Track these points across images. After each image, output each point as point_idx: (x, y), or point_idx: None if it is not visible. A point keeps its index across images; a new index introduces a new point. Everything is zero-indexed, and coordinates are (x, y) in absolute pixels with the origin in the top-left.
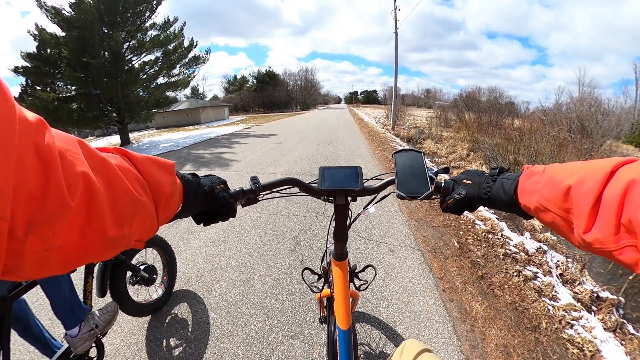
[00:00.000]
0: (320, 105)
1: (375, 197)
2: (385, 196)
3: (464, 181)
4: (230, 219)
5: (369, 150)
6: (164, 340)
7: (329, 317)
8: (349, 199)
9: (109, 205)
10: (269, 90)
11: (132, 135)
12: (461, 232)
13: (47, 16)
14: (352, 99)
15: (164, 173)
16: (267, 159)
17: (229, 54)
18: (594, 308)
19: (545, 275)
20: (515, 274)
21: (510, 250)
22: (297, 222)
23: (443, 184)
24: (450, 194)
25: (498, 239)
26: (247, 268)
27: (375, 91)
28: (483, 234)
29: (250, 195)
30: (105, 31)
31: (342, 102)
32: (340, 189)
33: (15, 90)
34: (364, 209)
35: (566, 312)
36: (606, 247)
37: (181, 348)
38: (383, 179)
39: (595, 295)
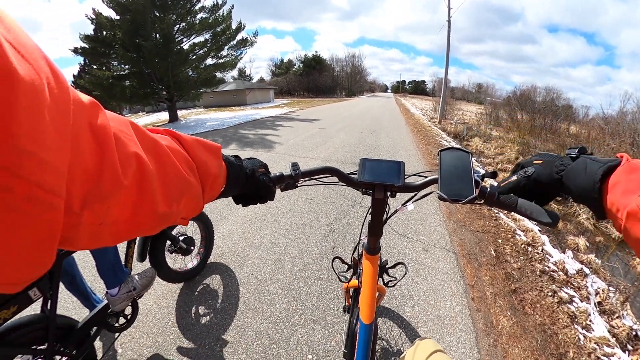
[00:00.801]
0: (365, 92)
1: (415, 195)
2: (426, 195)
3: (535, 162)
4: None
5: (413, 142)
6: (193, 307)
7: (353, 308)
8: (388, 194)
9: (160, 184)
10: (314, 75)
11: (180, 113)
12: (500, 240)
13: (103, 1)
14: (399, 88)
15: (211, 155)
16: (309, 143)
17: (276, 37)
18: (629, 347)
19: (582, 301)
20: (550, 293)
21: (548, 267)
22: (333, 209)
23: (489, 190)
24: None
25: (537, 253)
26: (280, 248)
27: (423, 81)
28: (522, 246)
29: (289, 181)
30: (157, 14)
31: (389, 90)
32: (380, 183)
33: (74, 69)
34: (402, 205)
35: (598, 345)
36: None
37: (208, 317)
38: (426, 177)
39: (634, 333)
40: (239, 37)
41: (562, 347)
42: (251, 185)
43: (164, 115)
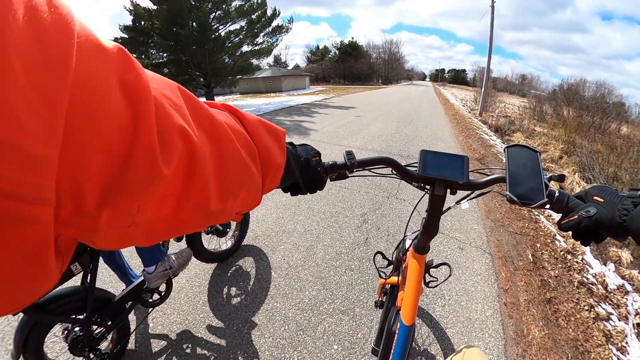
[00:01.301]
0: (403, 80)
1: (471, 192)
2: (484, 193)
3: (595, 197)
4: None
5: (452, 134)
6: (225, 288)
7: (389, 305)
8: (449, 191)
9: (215, 173)
10: (350, 61)
11: (217, 99)
12: (538, 245)
13: None
14: (438, 76)
15: (275, 141)
16: (344, 131)
17: (311, 23)
18: None
19: (620, 320)
20: (586, 307)
21: (587, 279)
22: (368, 199)
23: (557, 194)
24: (575, 211)
25: (577, 262)
26: (312, 236)
27: (464, 70)
28: (562, 253)
29: (343, 171)
30: (193, 3)
31: (427, 79)
32: (442, 178)
33: None
34: (456, 202)
35: None
36: None
37: (238, 299)
38: (489, 174)
39: None
40: (274, 23)
41: None
42: (305, 174)
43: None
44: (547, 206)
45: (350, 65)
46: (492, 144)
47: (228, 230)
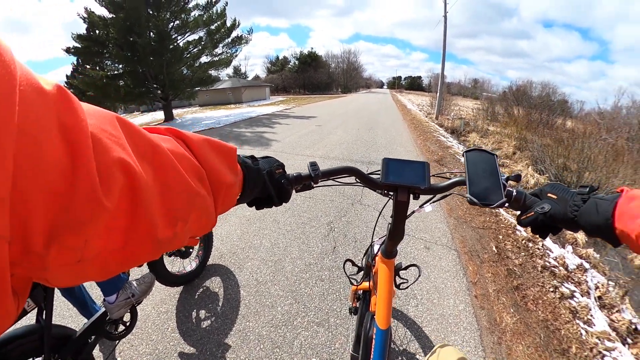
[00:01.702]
0: (362, 88)
1: (434, 196)
2: (446, 196)
3: (549, 195)
4: None
5: (411, 139)
6: (193, 312)
7: (363, 311)
8: (411, 196)
9: (159, 201)
10: (310, 71)
11: (175, 112)
12: (501, 237)
13: (95, 0)
14: (395, 84)
15: (224, 160)
16: (306, 141)
17: (271, 34)
18: (629, 341)
19: (582, 296)
20: (551, 289)
21: (549, 262)
22: (333, 207)
23: (515, 193)
24: (531, 208)
25: (538, 248)
26: (280, 249)
27: (419, 77)
28: (523, 242)
29: (307, 182)
30: (151, 12)
31: (385, 86)
32: (404, 184)
33: (67, 69)
34: (420, 206)
35: (599, 340)
36: None
37: (209, 321)
38: (449, 178)
39: (634, 327)
40: (233, 34)
41: (564, 342)
42: (269, 188)
43: (160, 115)
44: (506, 205)
45: (310, 75)
46: (449, 145)
47: (191, 250)
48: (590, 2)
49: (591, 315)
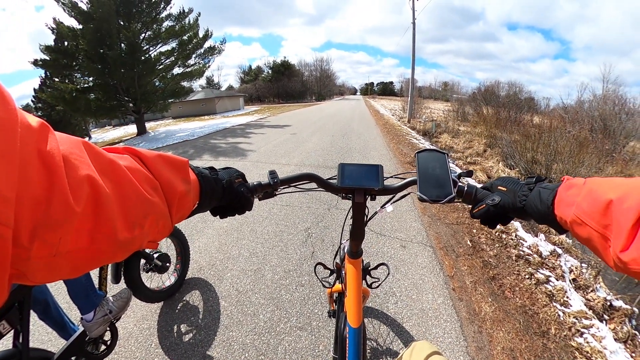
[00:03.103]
0: (335, 96)
1: (393, 196)
2: (404, 196)
3: (499, 187)
4: None
5: (384, 143)
6: (175, 327)
7: (339, 313)
8: (368, 197)
9: (118, 208)
10: (284, 80)
11: (148, 125)
12: (474, 231)
13: (64, 10)
14: (368, 90)
15: (176, 172)
16: (281, 149)
17: (243, 44)
18: (605, 317)
19: (558, 280)
20: (527, 276)
21: (523, 251)
22: (310, 213)
23: (466, 188)
24: (482, 200)
25: (512, 239)
26: (259, 258)
27: (391, 83)
28: (497, 234)
29: (268, 190)
30: (122, 23)
31: (358, 93)
32: (359, 187)
33: (35, 82)
34: (381, 207)
35: (577, 319)
36: None
37: (191, 335)
38: (404, 179)
39: (609, 304)
40: (206, 45)
41: (543, 325)
42: (228, 197)
43: (132, 129)
44: (458, 200)
45: (284, 84)
46: (422, 147)
47: (168, 265)
48: (550, 5)
49: (567, 297)
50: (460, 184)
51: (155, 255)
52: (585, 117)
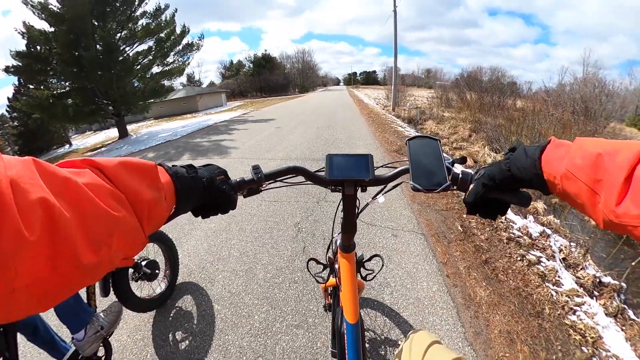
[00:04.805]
0: (318, 87)
1: (385, 187)
2: (396, 185)
3: (483, 167)
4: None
5: (370, 132)
6: (170, 335)
7: (335, 307)
8: (359, 189)
9: (79, 230)
10: (265, 74)
11: (130, 127)
12: (464, 216)
13: (33, 12)
14: (351, 80)
15: (142, 179)
16: (266, 144)
17: (222, 38)
18: (596, 293)
19: (548, 260)
20: (519, 258)
21: (514, 234)
22: (299, 208)
23: (461, 176)
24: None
25: (502, 222)
26: (249, 257)
27: (374, 72)
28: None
29: (252, 186)
30: (96, 23)
31: (341, 83)
32: (349, 178)
33: (8, 91)
34: (372, 198)
35: (569, 297)
36: (634, 223)
37: (187, 342)
38: (395, 168)
39: (598, 280)
40: (184, 41)
41: (538, 305)
42: (210, 196)
43: (114, 132)
44: (453, 188)
45: (266, 78)
46: (408, 134)
47: (157, 272)
48: None
49: (559, 277)
50: (454, 171)
51: (143, 263)
52: (567, 100)
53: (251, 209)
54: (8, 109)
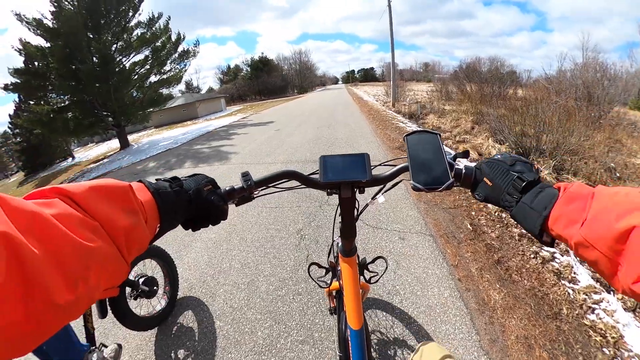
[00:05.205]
0: (317, 87)
1: (384, 186)
2: (396, 184)
3: (485, 179)
4: (229, 217)
5: (371, 130)
6: (172, 353)
7: (339, 311)
8: (356, 190)
9: (50, 267)
10: (264, 76)
11: (131, 137)
12: (473, 213)
13: (29, 29)
14: (349, 78)
15: (115, 203)
16: (266, 148)
17: (218, 44)
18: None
19: (563, 256)
20: (532, 255)
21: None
22: (300, 213)
23: (464, 171)
24: (476, 189)
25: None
26: (251, 269)
27: (372, 68)
28: (496, 213)
29: (243, 194)
30: (91, 36)
31: (340, 82)
32: (345, 180)
33: (9, 108)
34: (372, 198)
35: (587, 295)
36: None
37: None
38: (394, 165)
39: None
40: (180, 49)
41: (555, 306)
42: (197, 208)
43: (115, 143)
44: (456, 185)
45: (264, 80)
46: (409, 130)
47: (156, 288)
48: None
49: (574, 273)
50: (457, 166)
51: (141, 281)
52: (569, 86)
53: (251, 217)
54: (10, 125)
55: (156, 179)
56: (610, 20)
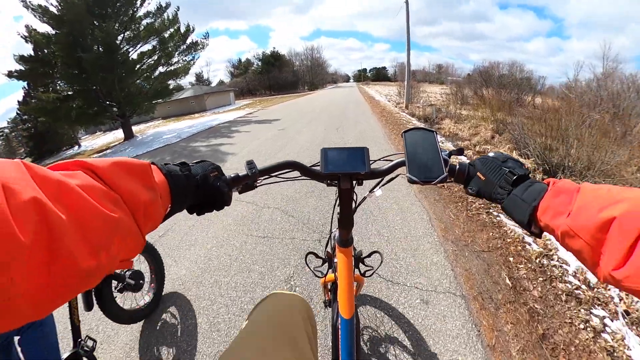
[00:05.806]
0: (328, 84)
1: (382, 180)
2: (393, 178)
3: (478, 174)
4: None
5: (384, 134)
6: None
7: (333, 303)
8: (355, 182)
9: (77, 235)
10: (274, 71)
11: (137, 128)
12: (511, 259)
13: (35, 16)
14: (361, 76)
15: (137, 179)
16: (267, 149)
17: (231, 37)
18: None
19: (613, 320)
20: (581, 325)
21: (570, 283)
22: (294, 249)
23: (458, 167)
24: (468, 184)
25: (555, 266)
26: (221, 335)
27: (384, 68)
28: (537, 260)
29: (247, 181)
30: (96, 23)
31: (351, 80)
32: (345, 172)
33: (19, 95)
34: (370, 191)
35: None
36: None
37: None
38: (392, 160)
39: None
40: (188, 40)
41: None
42: (204, 193)
43: (122, 133)
44: (451, 179)
45: (275, 75)
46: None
47: (142, 282)
48: None
49: (627, 347)
50: (451, 163)
51: (128, 274)
52: (593, 98)
53: (233, 248)
54: (18, 112)
55: (165, 164)
56: (630, 27)
